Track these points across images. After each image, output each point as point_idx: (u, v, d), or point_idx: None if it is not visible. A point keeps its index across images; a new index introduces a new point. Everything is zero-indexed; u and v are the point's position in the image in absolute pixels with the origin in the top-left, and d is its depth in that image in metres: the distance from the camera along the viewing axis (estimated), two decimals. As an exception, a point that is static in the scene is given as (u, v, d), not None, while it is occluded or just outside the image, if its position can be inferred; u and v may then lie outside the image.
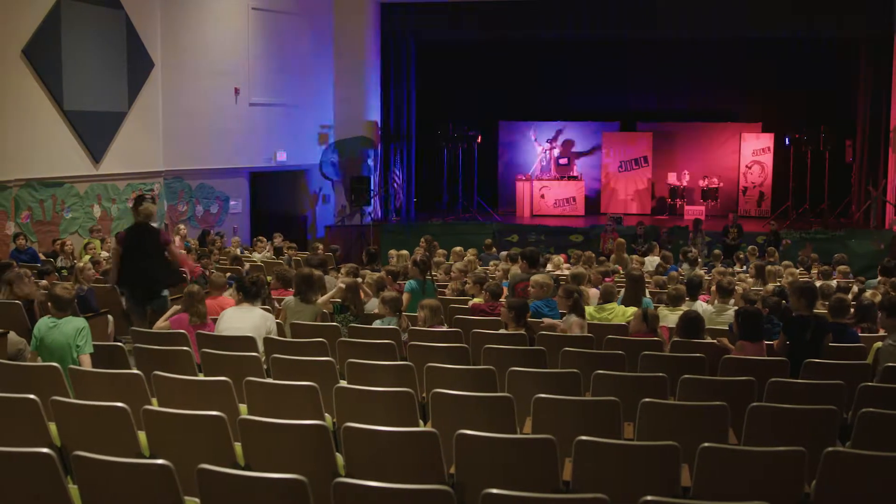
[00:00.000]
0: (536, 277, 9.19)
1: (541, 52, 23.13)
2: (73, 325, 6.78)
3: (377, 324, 8.10)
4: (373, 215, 21.15)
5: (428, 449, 4.62)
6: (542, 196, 23.30)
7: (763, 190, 23.15)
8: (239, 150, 19.05)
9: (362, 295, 8.94)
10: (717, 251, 15.55)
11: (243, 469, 4.72)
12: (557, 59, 23.30)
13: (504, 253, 14.41)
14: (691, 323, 7.47)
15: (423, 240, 15.52)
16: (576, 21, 20.96)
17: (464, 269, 11.70)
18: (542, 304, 8.84)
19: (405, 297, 9.68)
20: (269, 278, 10.32)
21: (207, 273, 11.96)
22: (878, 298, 9.13)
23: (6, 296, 8.62)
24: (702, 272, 12.86)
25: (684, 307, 8.85)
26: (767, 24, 20.19)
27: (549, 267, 12.00)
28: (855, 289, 11.51)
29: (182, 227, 16.91)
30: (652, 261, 14.90)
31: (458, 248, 14.69)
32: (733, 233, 18.30)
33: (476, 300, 9.62)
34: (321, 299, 8.57)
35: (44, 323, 6.90)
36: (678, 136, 24.16)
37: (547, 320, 8.36)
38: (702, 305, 9.41)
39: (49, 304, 7.11)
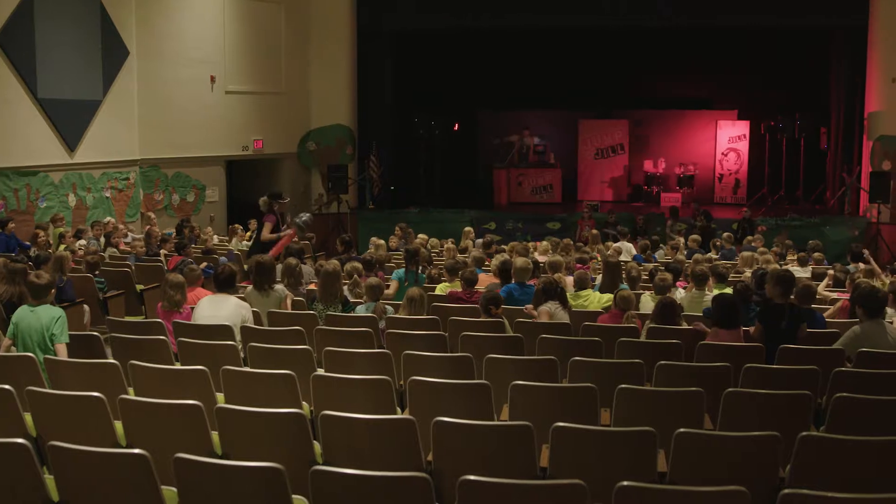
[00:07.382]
0: (517, 261, 9.29)
1: (517, 40, 23.03)
2: (50, 314, 6.71)
3: (360, 309, 8.12)
4: (350, 204, 21.09)
5: (405, 436, 4.63)
6: (520, 183, 23.33)
7: (739, 177, 23.25)
8: (215, 139, 18.92)
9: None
10: (695, 236, 15.58)
11: (220, 458, 4.72)
12: (533, 48, 23.24)
13: (479, 241, 14.40)
14: (667, 308, 7.50)
15: (397, 227, 15.50)
16: (551, 9, 20.89)
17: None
18: (515, 286, 8.87)
19: (393, 284, 9.71)
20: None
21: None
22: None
23: None
24: (667, 257, 12.93)
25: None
26: (743, 12, 20.20)
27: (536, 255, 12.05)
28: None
29: (151, 214, 16.74)
30: (624, 247, 14.89)
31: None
32: (701, 220, 18.19)
33: (446, 284, 9.63)
34: (287, 302, 8.53)
35: (23, 310, 6.84)
36: (654, 123, 24.24)
37: (528, 307, 8.36)
38: (680, 292, 9.46)
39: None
